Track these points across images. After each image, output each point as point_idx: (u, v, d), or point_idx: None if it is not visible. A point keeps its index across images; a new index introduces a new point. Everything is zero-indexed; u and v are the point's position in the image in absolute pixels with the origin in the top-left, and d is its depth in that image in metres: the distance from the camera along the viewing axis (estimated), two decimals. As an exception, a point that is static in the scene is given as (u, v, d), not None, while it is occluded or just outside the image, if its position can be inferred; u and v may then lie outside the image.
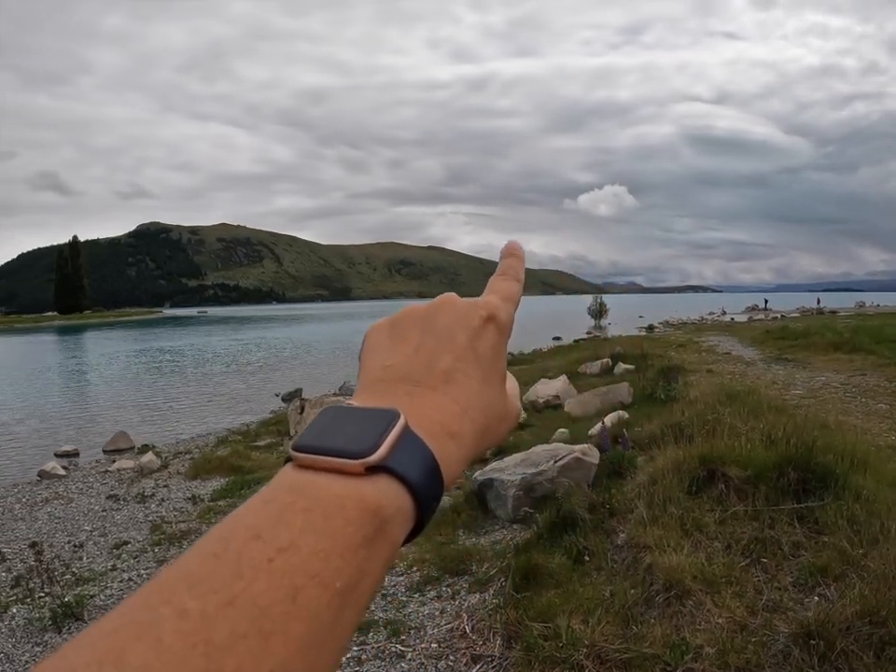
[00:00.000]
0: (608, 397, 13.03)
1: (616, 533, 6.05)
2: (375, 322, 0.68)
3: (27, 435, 20.31)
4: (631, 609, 4.85)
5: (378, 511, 0.48)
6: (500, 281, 0.72)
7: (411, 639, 5.57)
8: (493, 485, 7.84)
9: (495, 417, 0.63)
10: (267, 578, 0.42)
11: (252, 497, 0.49)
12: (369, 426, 0.52)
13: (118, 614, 0.41)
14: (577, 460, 7.60)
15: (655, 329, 51.59)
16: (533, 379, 17.91)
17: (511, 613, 5.21)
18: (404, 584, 6.63)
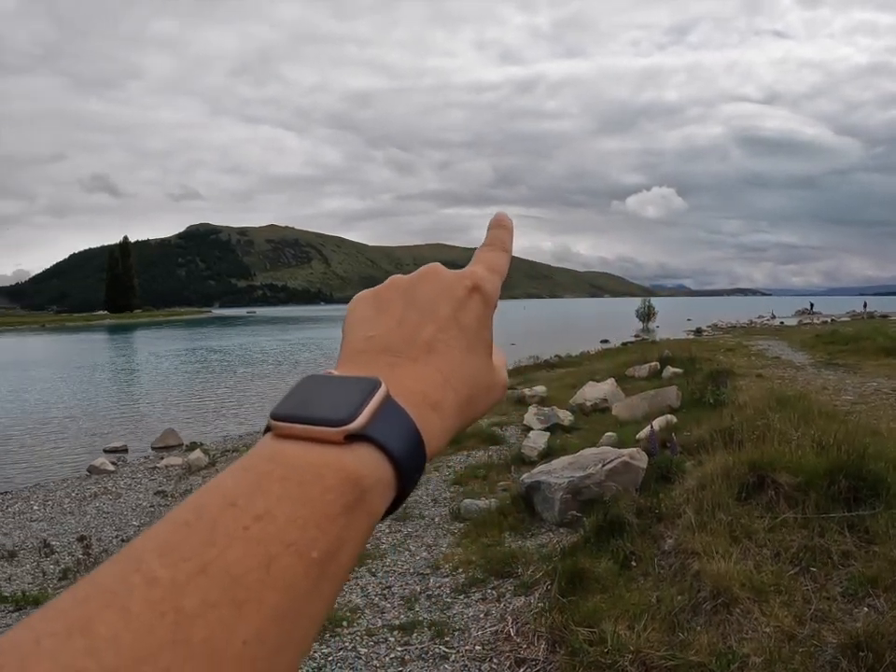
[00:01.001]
0: (656, 400, 12.93)
1: (663, 538, 6.00)
2: (359, 293, 0.67)
3: (77, 431, 20.60)
4: (677, 616, 4.81)
5: (358, 480, 0.47)
6: (487, 252, 0.72)
7: (455, 641, 5.57)
8: (540, 488, 7.81)
9: (480, 388, 0.62)
10: (241, 546, 0.42)
11: (229, 467, 0.48)
12: (349, 394, 0.51)
13: (88, 582, 0.40)
14: (625, 464, 7.55)
15: (703, 332, 51.16)
16: (581, 382, 17.82)
17: (556, 617, 5.18)
18: (449, 586, 6.63)
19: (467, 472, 10.42)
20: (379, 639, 5.76)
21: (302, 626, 0.43)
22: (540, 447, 10.63)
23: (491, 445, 12.24)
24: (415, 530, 8.24)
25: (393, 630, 5.89)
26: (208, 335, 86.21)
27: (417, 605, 6.33)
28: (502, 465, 10.57)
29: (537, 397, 16.99)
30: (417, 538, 8.00)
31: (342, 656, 5.54)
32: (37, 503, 11.86)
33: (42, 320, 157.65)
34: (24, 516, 11.05)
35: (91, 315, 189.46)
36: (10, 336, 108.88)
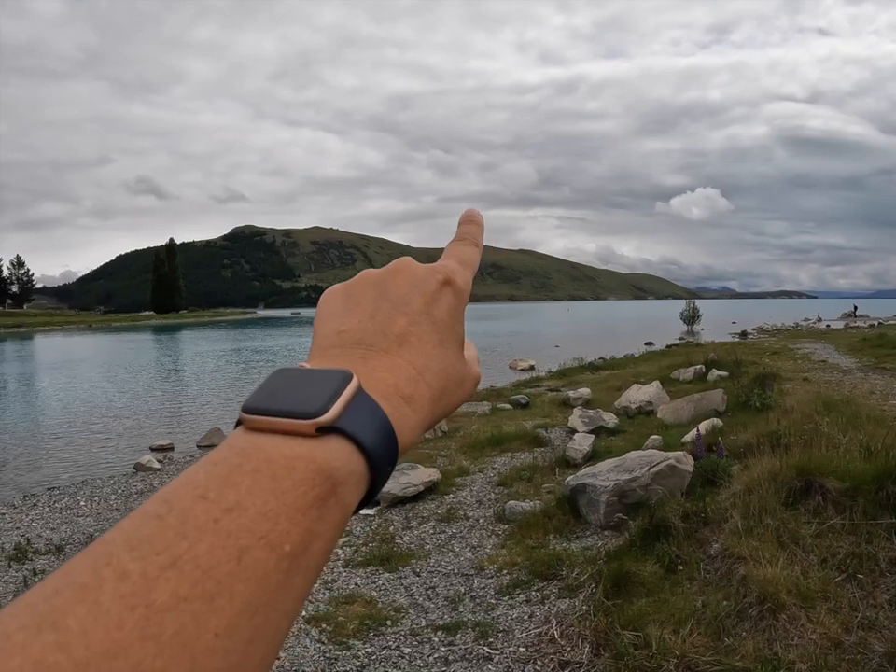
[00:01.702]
0: (701, 404, 12.83)
1: (709, 543, 5.97)
2: (331, 287, 0.68)
3: (123, 429, 20.81)
4: (723, 621, 4.78)
5: (330, 472, 0.47)
6: (458, 246, 0.72)
7: (498, 642, 5.57)
8: (585, 490, 7.80)
9: (452, 381, 0.63)
10: (211, 538, 0.42)
11: (200, 460, 0.47)
12: (320, 386, 0.51)
13: (60, 576, 0.40)
14: (671, 467, 7.51)
15: (749, 335, 50.71)
16: (625, 384, 17.75)
17: (600, 620, 5.17)
18: (493, 587, 6.64)
19: (511, 474, 10.42)
20: (423, 639, 5.79)
21: (275, 619, 0.43)
22: (585, 450, 10.61)
23: (536, 447, 12.25)
24: (460, 531, 8.26)
25: (437, 630, 5.91)
26: (253, 336, 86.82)
27: (461, 605, 6.35)
28: (547, 467, 10.56)
29: (581, 399, 16.97)
30: (462, 538, 8.01)
31: (385, 655, 5.57)
32: (84, 499, 12.00)
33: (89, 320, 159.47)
34: (71, 511, 11.19)
35: (137, 316, 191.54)
36: (58, 335, 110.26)
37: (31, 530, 10.13)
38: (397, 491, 9.31)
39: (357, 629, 6.02)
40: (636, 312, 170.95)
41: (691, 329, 62.02)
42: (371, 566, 7.38)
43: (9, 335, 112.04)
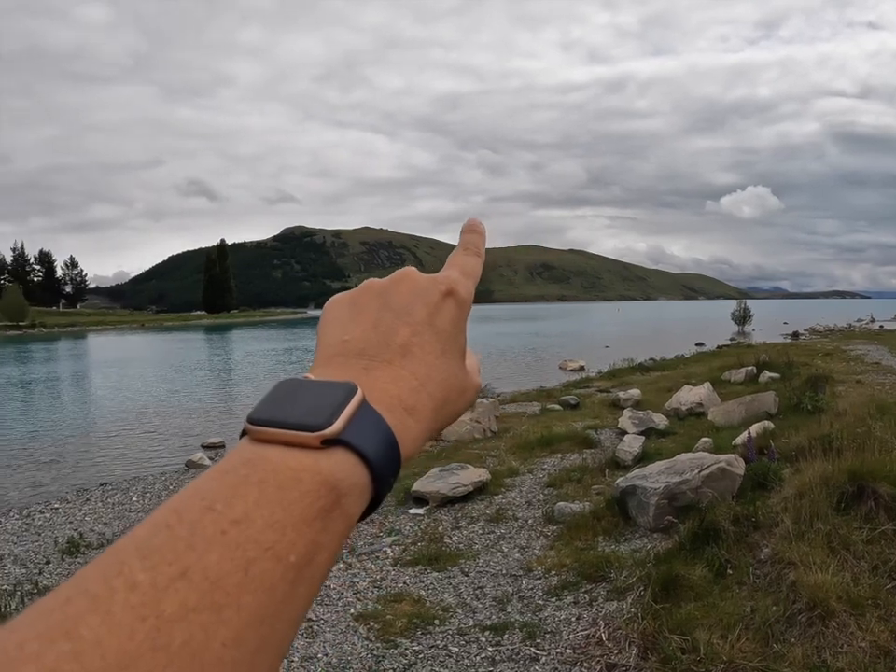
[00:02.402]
0: (752, 406, 12.71)
1: (759, 547, 5.92)
2: (335, 295, 0.68)
3: (175, 426, 21.04)
4: (772, 627, 4.75)
5: (334, 484, 0.48)
6: (461, 256, 0.73)
7: (546, 643, 5.58)
8: (635, 492, 7.76)
9: (454, 391, 0.63)
10: (219, 550, 0.42)
11: (208, 470, 0.48)
12: (325, 399, 0.52)
13: (72, 584, 0.40)
14: (722, 470, 7.45)
15: (800, 336, 50.07)
16: (676, 385, 17.60)
17: (648, 623, 5.15)
18: (541, 588, 6.64)
19: (561, 475, 10.40)
20: (470, 639, 5.80)
21: (281, 628, 0.44)
22: (635, 451, 10.56)
23: (585, 448, 12.19)
24: (508, 532, 8.27)
25: (484, 630, 5.93)
26: (303, 335, 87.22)
27: (509, 606, 6.36)
28: (596, 468, 10.51)
29: (631, 400, 16.88)
30: (510, 539, 8.02)
31: (432, 654, 5.60)
32: (136, 495, 12.18)
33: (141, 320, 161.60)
34: (123, 507, 11.36)
35: (188, 315, 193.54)
36: (111, 335, 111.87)
37: (83, 525, 10.31)
38: (446, 491, 9.34)
39: (405, 627, 6.06)
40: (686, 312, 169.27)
41: (742, 329, 61.30)
42: (420, 565, 7.41)
43: (63, 334, 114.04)
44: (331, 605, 6.62)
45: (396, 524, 8.80)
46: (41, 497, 12.78)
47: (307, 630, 6.14)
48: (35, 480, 14.66)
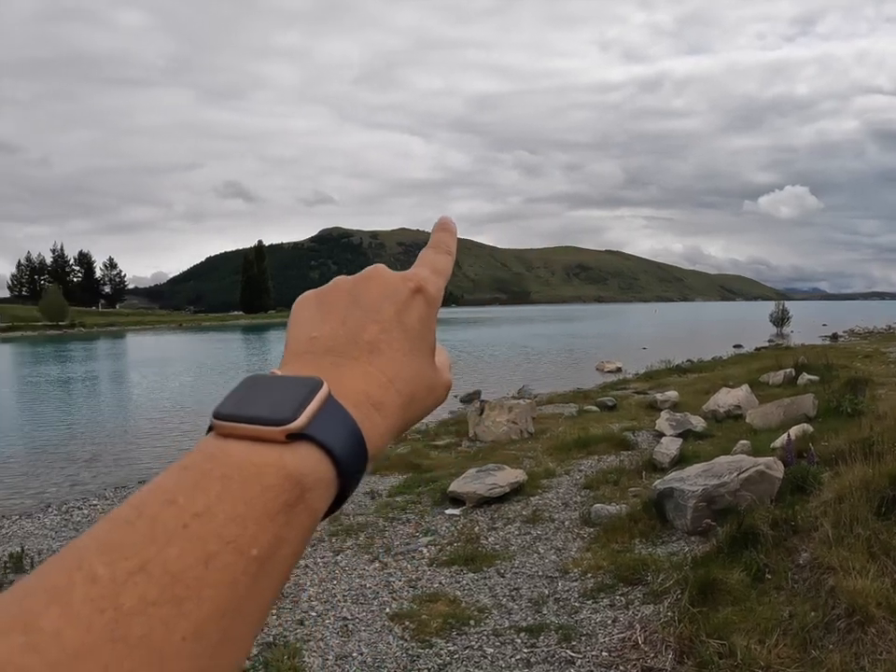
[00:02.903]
0: (791, 408, 12.60)
1: (798, 552, 5.87)
2: (303, 294, 0.68)
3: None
4: (810, 633, 4.70)
5: (299, 479, 0.48)
6: (431, 254, 0.74)
7: (581, 646, 5.56)
8: (672, 495, 7.72)
9: (422, 387, 0.63)
10: (180, 543, 0.42)
11: (170, 466, 0.48)
12: (291, 393, 0.52)
13: (32, 579, 0.40)
14: (761, 473, 7.40)
15: (839, 338, 49.58)
16: (713, 387, 17.49)
17: (685, 627, 5.13)
18: (577, 590, 6.62)
19: (598, 477, 10.37)
20: (505, 640, 5.80)
21: (242, 623, 0.44)
22: (672, 453, 10.51)
23: (622, 450, 12.16)
24: (545, 533, 8.25)
25: (520, 631, 5.92)
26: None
27: (545, 608, 6.35)
28: (633, 470, 10.47)
29: (669, 402, 16.80)
30: (547, 540, 8.01)
31: (467, 655, 5.60)
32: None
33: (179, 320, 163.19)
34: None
35: (226, 316, 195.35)
36: (149, 334, 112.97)
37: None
38: (483, 491, 9.35)
39: (440, 628, 6.07)
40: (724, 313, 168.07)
41: (780, 331, 60.82)
42: (456, 565, 7.42)
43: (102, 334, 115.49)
44: (367, 604, 6.65)
45: (432, 524, 8.81)
46: (80, 494, 12.95)
47: (342, 629, 6.17)
48: (73, 477, 14.84)
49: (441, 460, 12.74)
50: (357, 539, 8.40)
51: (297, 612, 6.54)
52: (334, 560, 7.77)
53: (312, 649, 5.85)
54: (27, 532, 10.18)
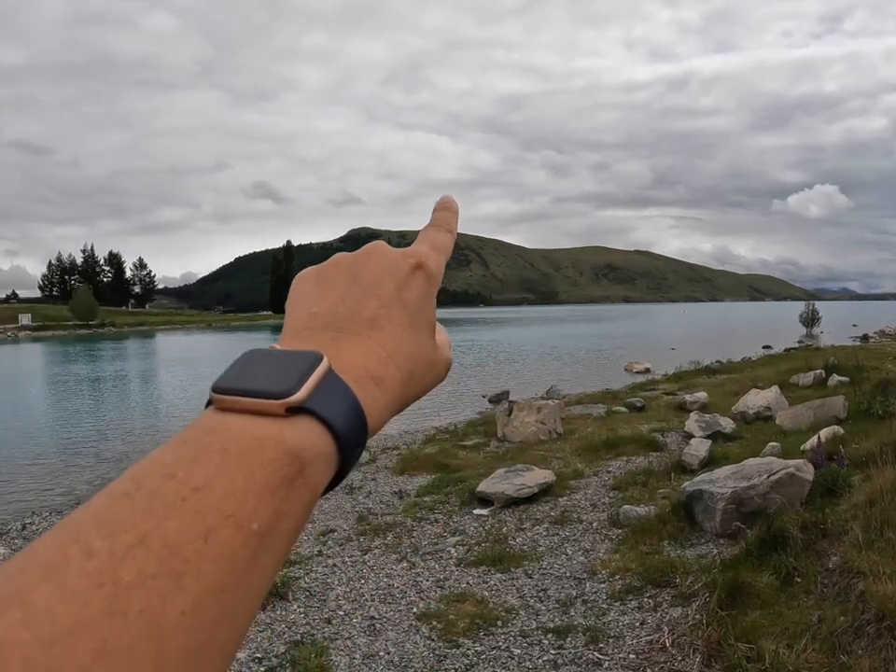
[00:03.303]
0: (821, 410, 12.50)
1: (828, 555, 5.83)
2: (303, 270, 0.67)
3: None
4: (839, 638, 4.67)
5: (298, 452, 0.47)
6: (432, 231, 0.71)
7: (609, 648, 5.55)
8: (701, 497, 7.69)
9: (422, 364, 0.62)
10: (179, 517, 0.42)
11: (169, 440, 0.47)
12: (291, 367, 0.51)
13: (26, 554, 0.40)
14: (790, 476, 7.35)
15: (870, 338, 49.14)
16: (742, 388, 17.41)
17: (713, 631, 5.11)
18: (605, 592, 6.61)
19: (626, 478, 10.34)
20: (533, 641, 5.80)
21: (242, 598, 0.43)
22: (701, 455, 10.46)
23: (651, 451, 12.12)
24: (573, 534, 8.25)
25: (547, 633, 5.92)
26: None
27: (573, 609, 6.35)
28: (662, 472, 10.43)
29: (698, 403, 16.72)
30: (575, 541, 8.00)
31: (494, 655, 5.61)
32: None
33: (208, 319, 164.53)
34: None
35: (255, 316, 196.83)
36: (179, 334, 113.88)
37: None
38: (511, 492, 9.35)
39: (468, 628, 6.08)
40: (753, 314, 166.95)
41: (810, 332, 60.40)
42: (484, 566, 7.43)
43: (132, 333, 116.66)
44: (394, 603, 6.67)
45: (460, 524, 8.83)
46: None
47: (369, 628, 6.20)
48: (104, 475, 14.93)
49: (469, 460, 12.75)
50: (384, 539, 8.43)
51: (324, 611, 6.57)
52: (362, 559, 7.80)
53: (339, 647, 5.88)
54: (58, 529, 10.27)
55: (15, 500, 13.05)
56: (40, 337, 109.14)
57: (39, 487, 14.11)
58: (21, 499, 13.14)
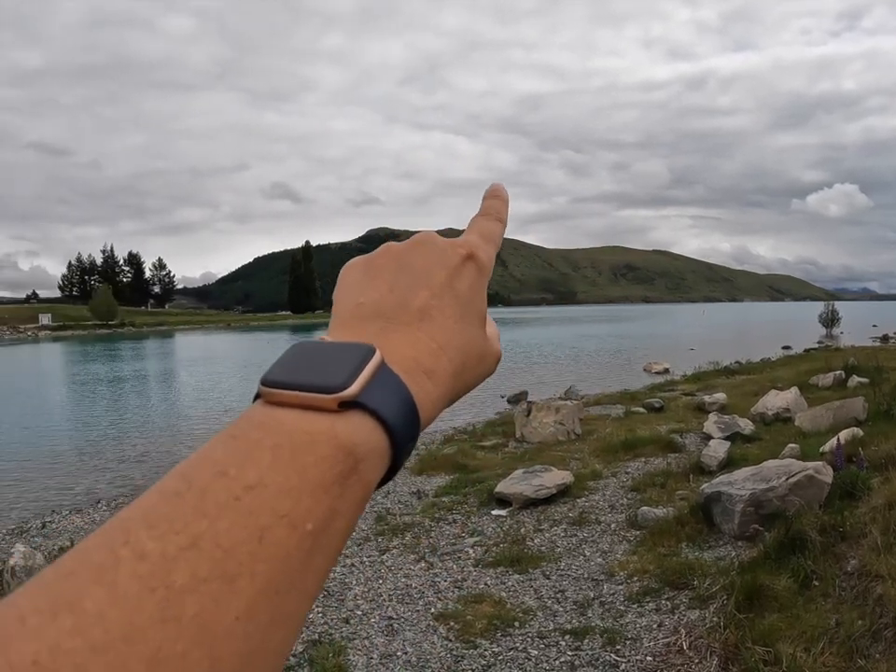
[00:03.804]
0: (841, 411, 12.44)
1: (846, 559, 5.81)
2: (351, 260, 0.65)
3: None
4: (857, 642, 4.65)
5: (352, 448, 0.46)
6: (482, 221, 0.70)
7: (626, 650, 5.56)
8: (720, 499, 7.67)
9: (473, 356, 0.61)
10: (232, 517, 0.40)
11: (218, 434, 0.46)
12: (342, 360, 0.50)
13: (75, 555, 0.39)
14: (809, 478, 7.33)
15: (890, 339, 48.82)
16: (762, 389, 17.36)
17: (731, 634, 5.10)
18: (623, 593, 6.61)
19: (644, 479, 10.32)
20: (550, 642, 5.81)
21: (295, 601, 0.42)
22: (720, 456, 10.43)
23: (670, 452, 12.09)
24: (591, 535, 8.25)
25: (564, 634, 5.93)
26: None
27: (590, 610, 6.35)
28: (680, 473, 10.42)
29: (717, 404, 16.68)
30: (592, 543, 8.00)
31: (511, 656, 5.62)
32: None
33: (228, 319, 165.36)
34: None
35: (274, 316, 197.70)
36: (198, 334, 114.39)
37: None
38: (529, 493, 9.36)
39: (485, 629, 6.09)
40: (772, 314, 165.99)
41: (829, 332, 60.03)
42: (501, 566, 7.44)
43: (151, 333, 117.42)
44: (412, 604, 6.69)
45: (478, 525, 8.84)
46: (129, 491, 13.17)
47: (387, 628, 6.22)
48: (124, 474, 15.10)
49: (487, 461, 12.75)
50: (403, 539, 8.45)
51: (342, 611, 6.60)
52: (380, 559, 7.82)
53: (356, 647, 5.90)
54: (77, 527, 10.40)
55: (35, 499, 13.15)
56: (60, 337, 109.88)
57: (59, 486, 14.21)
58: (41, 497, 13.25)
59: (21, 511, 12.21)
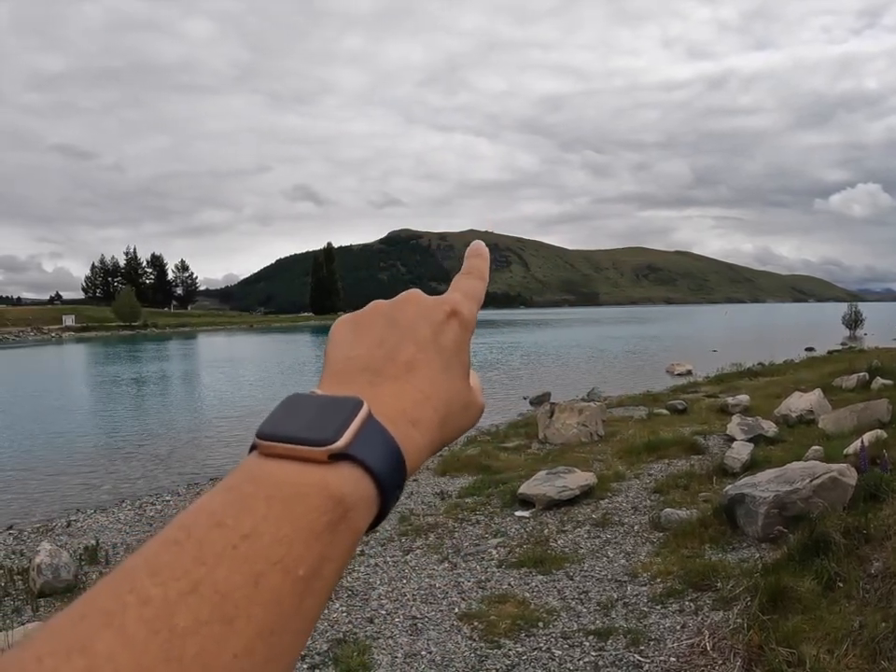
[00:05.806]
0: (865, 413, 12.38)
1: (870, 561, 5.80)
2: (341, 317, 0.69)
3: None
4: (880, 644, 4.65)
5: (341, 499, 0.49)
6: (465, 279, 0.73)
7: (649, 651, 5.57)
8: (744, 501, 7.67)
9: (457, 405, 0.64)
10: (229, 564, 0.44)
11: (215, 486, 0.49)
12: (332, 413, 0.53)
13: (85, 602, 0.42)
14: (833, 480, 7.32)
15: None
16: (785, 391, 17.28)
17: (755, 635, 5.11)
18: (646, 594, 6.62)
19: (668, 481, 10.32)
20: (574, 643, 5.83)
21: (289, 639, 0.45)
22: (743, 458, 10.41)
23: (693, 454, 12.07)
24: (614, 537, 8.26)
25: (588, 635, 5.95)
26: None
27: (614, 611, 6.37)
28: (704, 475, 10.41)
29: (740, 406, 16.62)
30: (616, 544, 8.01)
31: (535, 656, 5.65)
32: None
33: (250, 321, 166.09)
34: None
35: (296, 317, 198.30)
36: (221, 335, 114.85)
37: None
38: (553, 494, 9.38)
39: (509, 629, 6.12)
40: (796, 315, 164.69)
41: (853, 333, 59.58)
42: (525, 567, 7.47)
43: (174, 334, 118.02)
44: (436, 604, 6.72)
45: (502, 525, 8.87)
46: (153, 490, 13.32)
47: (411, 627, 6.26)
48: (148, 474, 15.24)
49: (510, 462, 12.76)
50: (426, 540, 8.49)
51: (367, 610, 6.64)
52: (404, 559, 7.86)
53: (381, 646, 5.95)
54: (102, 526, 10.48)
55: (60, 498, 13.29)
56: (83, 338, 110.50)
57: (84, 485, 14.35)
58: (65, 497, 13.39)
59: (47, 509, 12.36)
